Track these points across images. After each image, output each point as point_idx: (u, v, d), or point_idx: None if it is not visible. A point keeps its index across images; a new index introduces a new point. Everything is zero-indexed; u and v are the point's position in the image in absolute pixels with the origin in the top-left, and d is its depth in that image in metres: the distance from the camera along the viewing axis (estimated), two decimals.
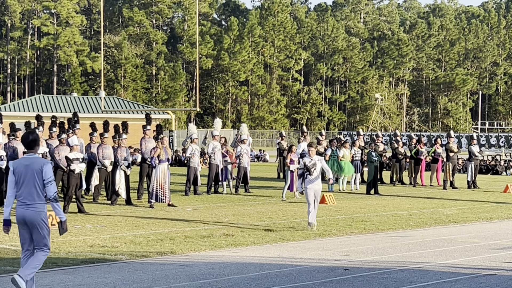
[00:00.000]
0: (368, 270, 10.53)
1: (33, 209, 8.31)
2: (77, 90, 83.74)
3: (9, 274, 9.84)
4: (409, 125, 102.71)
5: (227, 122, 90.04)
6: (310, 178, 15.04)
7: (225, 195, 22.79)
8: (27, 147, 8.42)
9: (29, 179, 8.25)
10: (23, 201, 8.32)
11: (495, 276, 10.18)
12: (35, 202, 8.32)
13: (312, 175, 14.96)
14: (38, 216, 8.32)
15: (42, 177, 8.27)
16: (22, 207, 8.32)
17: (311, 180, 14.99)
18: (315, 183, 14.96)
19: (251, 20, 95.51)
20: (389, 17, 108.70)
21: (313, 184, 14.93)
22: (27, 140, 8.38)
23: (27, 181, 8.26)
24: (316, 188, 14.95)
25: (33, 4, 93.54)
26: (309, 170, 15.00)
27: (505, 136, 63.71)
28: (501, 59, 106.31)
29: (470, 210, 19.27)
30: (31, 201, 8.31)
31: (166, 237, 13.39)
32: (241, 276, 9.99)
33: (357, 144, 26.92)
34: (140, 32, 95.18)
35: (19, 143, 19.35)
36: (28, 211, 8.31)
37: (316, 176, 14.95)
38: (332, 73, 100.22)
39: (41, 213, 8.36)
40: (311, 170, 14.95)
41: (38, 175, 8.27)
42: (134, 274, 10.03)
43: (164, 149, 19.14)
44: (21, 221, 8.36)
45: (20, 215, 8.33)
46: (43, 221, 8.36)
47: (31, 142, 8.38)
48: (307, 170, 15.07)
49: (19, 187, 8.30)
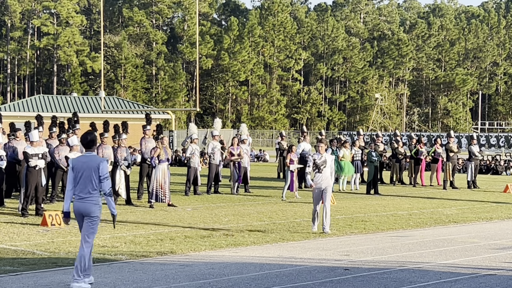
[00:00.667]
0: (368, 270, 10.53)
1: (89, 202, 9.11)
2: (77, 90, 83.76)
3: (9, 274, 9.84)
4: (409, 125, 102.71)
5: (227, 122, 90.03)
6: (319, 176, 14.37)
7: (225, 195, 22.77)
8: (86, 146, 9.26)
9: (87, 175, 9.07)
10: (80, 195, 9.13)
11: (495, 276, 10.18)
12: (91, 196, 9.12)
13: (322, 173, 14.32)
14: (92, 208, 9.12)
15: (99, 174, 9.10)
16: (79, 201, 9.13)
17: (320, 178, 14.33)
18: (325, 181, 14.30)
19: (251, 20, 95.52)
20: (389, 17, 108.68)
21: (322, 183, 14.27)
22: (85, 141, 9.25)
23: (84, 177, 9.07)
24: (324, 186, 14.28)
25: (33, 4, 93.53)
26: (318, 167, 14.36)
27: (505, 136, 63.70)
28: (501, 59, 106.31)
29: (470, 210, 19.27)
30: (87, 195, 9.11)
31: (166, 237, 13.39)
32: (241, 276, 9.99)
33: (357, 144, 26.92)
34: (140, 32, 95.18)
35: (19, 143, 19.38)
36: (84, 204, 9.11)
37: (326, 174, 14.32)
38: (332, 73, 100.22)
39: (96, 206, 9.14)
40: (320, 168, 14.32)
41: (95, 172, 9.08)
42: (134, 274, 10.03)
43: (164, 149, 19.15)
44: (79, 213, 9.17)
45: (77, 208, 9.13)
46: (96, 214, 9.15)
47: (89, 142, 9.24)
48: (317, 167, 14.40)
49: (76, 182, 9.11)
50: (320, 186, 14.30)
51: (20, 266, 10.41)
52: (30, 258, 11.12)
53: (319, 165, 14.35)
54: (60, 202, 18.81)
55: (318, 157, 14.47)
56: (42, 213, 15.62)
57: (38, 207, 16.59)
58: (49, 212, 15.02)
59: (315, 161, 14.43)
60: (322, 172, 14.35)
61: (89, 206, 9.09)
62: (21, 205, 16.40)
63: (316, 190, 14.33)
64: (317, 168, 14.39)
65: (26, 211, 16.28)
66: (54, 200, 19.44)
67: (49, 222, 14.55)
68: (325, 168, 14.35)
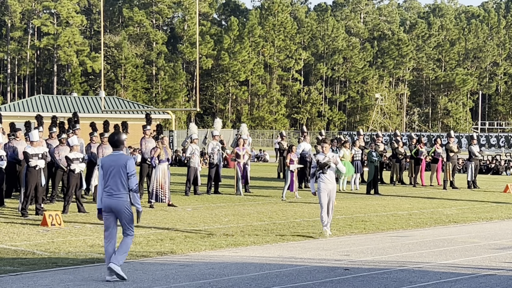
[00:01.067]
0: (368, 270, 10.53)
1: (118, 198, 9.59)
2: (77, 90, 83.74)
3: (9, 274, 9.84)
4: (409, 125, 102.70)
5: (227, 122, 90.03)
6: (323, 177, 13.97)
7: (225, 195, 22.77)
8: (113, 146, 9.84)
9: (115, 172, 9.57)
10: (109, 192, 9.61)
11: (495, 276, 10.18)
12: (120, 192, 9.60)
13: (326, 173, 13.95)
14: (122, 204, 9.61)
15: (126, 171, 9.60)
16: (108, 197, 9.61)
17: (324, 179, 13.93)
18: (329, 182, 13.96)
19: (251, 20, 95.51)
20: (389, 17, 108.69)
21: (327, 184, 13.91)
22: (113, 140, 9.83)
23: (113, 175, 9.57)
24: (329, 187, 13.96)
25: (33, 4, 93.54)
26: (322, 168, 13.98)
27: (505, 136, 63.68)
28: (501, 59, 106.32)
29: (470, 210, 19.27)
30: (116, 192, 9.59)
31: (166, 237, 13.39)
32: (241, 276, 9.99)
33: (357, 144, 26.91)
34: (140, 32, 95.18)
35: (19, 143, 19.38)
36: (113, 200, 9.59)
37: (330, 174, 13.97)
38: (332, 73, 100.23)
39: (125, 202, 9.64)
40: (324, 168, 13.95)
41: (123, 169, 9.59)
42: (134, 274, 10.03)
43: (164, 149, 19.15)
44: (107, 209, 9.63)
45: (106, 204, 9.61)
46: (127, 208, 9.65)
47: (116, 141, 9.80)
48: (321, 168, 14.00)
49: (106, 180, 9.60)
50: (325, 187, 13.95)
51: (20, 266, 10.41)
52: (30, 258, 11.12)
53: (323, 165, 13.98)
54: (60, 202, 18.82)
55: (321, 157, 14.10)
56: (42, 213, 15.62)
57: (38, 207, 16.59)
58: (49, 212, 15.01)
59: (319, 161, 14.03)
60: (327, 173, 14.00)
61: (119, 203, 9.58)
62: (21, 205, 16.40)
63: (321, 191, 13.94)
64: (321, 169, 14.01)
65: (26, 211, 16.28)
66: (54, 200, 19.44)
67: (49, 222, 14.54)
68: (329, 168, 14.01)
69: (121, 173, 9.58)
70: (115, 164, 9.60)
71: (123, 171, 9.58)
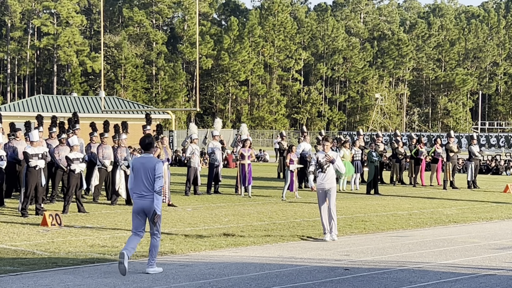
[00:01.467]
0: (368, 270, 10.53)
1: (149, 199, 9.93)
2: (77, 90, 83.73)
3: (9, 274, 9.84)
4: (409, 125, 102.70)
5: (227, 122, 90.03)
6: (322, 176, 13.58)
7: (225, 195, 22.77)
8: (144, 148, 10.25)
9: (145, 174, 9.96)
10: (140, 193, 9.99)
11: (495, 276, 10.18)
12: (151, 193, 9.94)
13: (325, 172, 13.54)
14: (151, 205, 9.93)
15: (154, 173, 9.95)
16: (140, 199, 9.99)
17: (323, 179, 13.56)
18: (328, 182, 13.54)
19: (251, 20, 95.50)
20: (389, 17, 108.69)
21: (325, 183, 13.52)
22: (144, 143, 10.22)
23: (143, 176, 9.97)
24: (327, 187, 13.53)
25: (33, 4, 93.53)
26: (322, 166, 13.59)
27: (505, 136, 63.68)
28: (501, 59, 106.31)
29: (470, 210, 19.27)
30: (147, 193, 9.95)
31: (166, 237, 13.39)
32: (241, 276, 9.99)
33: (357, 144, 26.91)
34: (140, 32, 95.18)
35: (19, 143, 19.39)
36: (145, 201, 9.95)
37: (330, 173, 13.58)
38: (332, 73, 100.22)
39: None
40: (324, 167, 13.55)
41: (151, 172, 9.96)
42: (134, 274, 10.03)
43: (164, 149, 19.15)
44: (138, 211, 10.01)
45: (138, 205, 9.99)
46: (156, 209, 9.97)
47: (147, 144, 10.20)
48: (320, 166, 13.63)
49: (137, 182, 10.00)
50: (324, 186, 13.56)
51: (20, 266, 10.40)
52: (30, 258, 11.12)
53: (323, 164, 13.59)
54: (60, 202, 18.82)
55: (322, 155, 13.70)
56: (42, 213, 15.62)
57: (38, 207, 16.59)
58: (49, 212, 15.01)
59: (319, 160, 13.65)
60: (326, 172, 13.58)
61: (150, 203, 9.92)
62: (21, 205, 16.40)
63: (319, 191, 13.62)
64: (320, 168, 13.63)
65: (26, 211, 16.28)
66: (54, 200, 19.44)
67: (49, 222, 14.54)
68: (329, 167, 13.61)
69: (149, 175, 9.96)
70: (145, 166, 10.00)
71: (152, 173, 9.95)
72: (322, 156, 13.72)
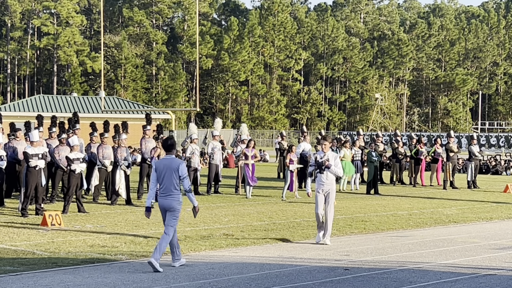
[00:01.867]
0: (368, 270, 10.53)
1: (172, 198, 10.60)
2: (77, 90, 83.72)
3: (9, 274, 9.84)
4: (409, 125, 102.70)
5: (227, 122, 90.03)
6: (320, 177, 13.05)
7: (225, 195, 22.76)
8: (166, 150, 10.71)
9: (168, 175, 10.52)
10: (163, 192, 10.63)
11: (495, 276, 10.18)
12: (173, 193, 10.58)
13: (324, 173, 13.00)
14: (174, 203, 10.61)
15: (178, 174, 10.54)
16: (163, 197, 10.65)
17: (322, 180, 13.04)
18: (327, 183, 13.03)
19: (251, 20, 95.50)
20: (389, 17, 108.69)
21: (325, 185, 13.02)
22: (166, 144, 10.70)
23: (166, 177, 10.55)
24: (327, 189, 13.03)
25: (33, 4, 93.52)
26: (320, 167, 13.08)
27: (505, 136, 63.69)
28: (501, 59, 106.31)
29: (470, 210, 19.26)
30: (169, 192, 10.58)
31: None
32: (241, 276, 9.99)
33: (357, 144, 26.91)
34: (140, 32, 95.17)
35: (19, 143, 19.38)
36: (167, 200, 10.61)
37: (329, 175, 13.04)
38: (332, 73, 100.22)
39: (177, 200, 10.62)
40: (322, 168, 13.03)
41: (175, 172, 10.54)
42: (134, 274, 10.03)
43: None
44: (163, 208, 10.69)
45: (161, 203, 10.68)
46: (177, 208, 10.65)
47: (169, 146, 10.68)
48: (318, 167, 13.09)
49: (160, 182, 10.62)
50: (323, 187, 13.05)
51: (20, 266, 10.40)
52: (30, 258, 11.12)
53: (321, 164, 13.04)
54: (60, 202, 18.81)
55: (320, 156, 13.15)
56: (42, 213, 15.62)
57: (38, 207, 16.58)
58: (49, 212, 15.01)
59: (317, 160, 13.11)
60: (325, 172, 13.05)
61: (171, 202, 10.57)
62: (21, 205, 16.40)
63: (319, 191, 13.08)
64: (319, 168, 13.08)
65: (26, 211, 16.28)
66: (54, 200, 19.43)
67: (49, 222, 14.54)
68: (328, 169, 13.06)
69: (173, 176, 10.52)
70: (168, 167, 10.55)
71: (176, 174, 10.52)
72: (321, 156, 13.16)
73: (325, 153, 13.23)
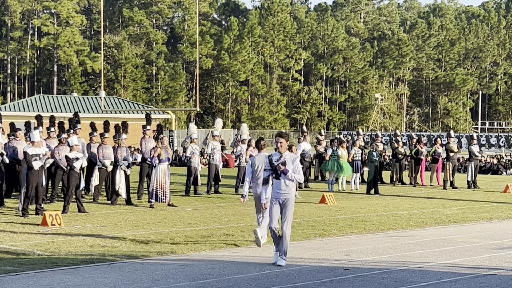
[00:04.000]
0: (368, 270, 10.53)
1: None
2: (77, 90, 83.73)
3: (9, 274, 9.84)
4: (409, 125, 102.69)
5: (227, 122, 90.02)
6: (277, 184, 10.72)
7: (225, 195, 22.76)
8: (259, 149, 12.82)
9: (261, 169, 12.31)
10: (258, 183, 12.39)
11: (495, 276, 10.18)
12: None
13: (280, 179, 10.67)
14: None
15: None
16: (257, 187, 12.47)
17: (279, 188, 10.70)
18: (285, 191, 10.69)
19: (251, 20, 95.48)
20: (389, 17, 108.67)
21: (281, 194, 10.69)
22: (259, 145, 12.81)
23: (260, 170, 12.38)
24: (283, 198, 10.68)
25: (33, 4, 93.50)
26: (275, 171, 10.72)
27: (505, 136, 63.70)
28: (501, 59, 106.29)
29: (470, 210, 19.27)
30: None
31: (166, 237, 13.39)
32: (241, 276, 9.99)
33: (357, 144, 26.91)
34: (140, 32, 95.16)
35: (19, 143, 19.39)
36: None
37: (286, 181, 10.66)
38: (332, 73, 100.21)
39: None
40: (277, 172, 10.67)
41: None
42: (134, 274, 10.03)
43: (164, 149, 19.14)
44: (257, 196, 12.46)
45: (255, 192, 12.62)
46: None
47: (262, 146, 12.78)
48: (274, 172, 10.73)
49: (255, 174, 12.53)
50: (278, 197, 10.71)
51: (20, 266, 10.40)
52: (30, 258, 11.12)
53: (276, 168, 10.65)
54: (60, 202, 18.81)
55: (276, 158, 10.73)
56: (42, 213, 15.62)
57: (38, 207, 16.59)
58: (49, 212, 15.01)
59: (272, 163, 10.71)
60: (282, 179, 10.68)
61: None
62: (21, 205, 16.40)
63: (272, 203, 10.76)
64: (274, 173, 10.72)
65: (26, 211, 16.28)
66: (54, 200, 19.43)
67: (49, 222, 14.54)
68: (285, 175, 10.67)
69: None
70: (261, 162, 12.36)
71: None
72: (276, 158, 10.73)
73: (281, 154, 10.77)
